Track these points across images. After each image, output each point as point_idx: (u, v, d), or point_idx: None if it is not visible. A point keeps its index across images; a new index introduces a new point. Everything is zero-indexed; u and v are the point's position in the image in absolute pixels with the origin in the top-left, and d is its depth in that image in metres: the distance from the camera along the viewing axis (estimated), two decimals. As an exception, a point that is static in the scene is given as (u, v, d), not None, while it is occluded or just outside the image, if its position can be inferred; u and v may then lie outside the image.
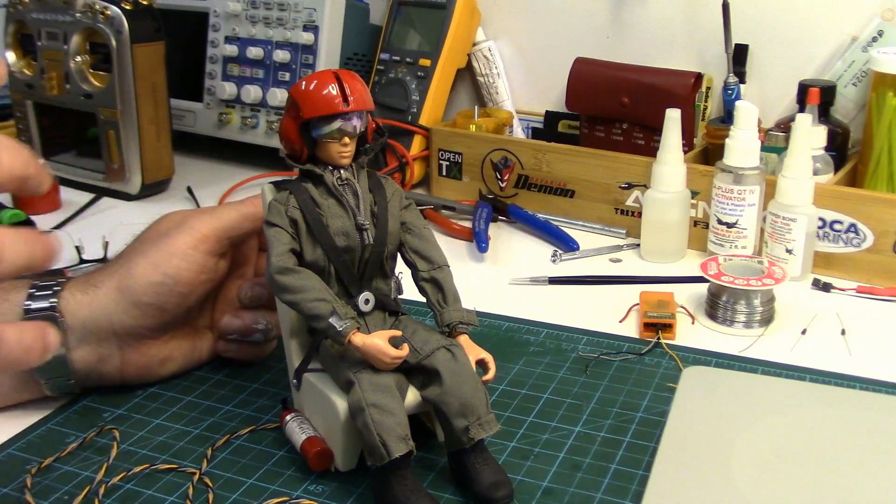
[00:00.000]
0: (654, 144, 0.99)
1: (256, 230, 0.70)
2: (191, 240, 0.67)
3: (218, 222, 0.68)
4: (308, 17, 1.18)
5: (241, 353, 0.73)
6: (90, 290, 0.67)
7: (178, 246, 0.67)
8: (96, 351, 0.67)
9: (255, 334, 0.72)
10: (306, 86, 0.58)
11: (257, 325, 0.72)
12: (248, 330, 0.72)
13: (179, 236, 0.67)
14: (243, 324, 0.72)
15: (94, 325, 0.66)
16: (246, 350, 0.73)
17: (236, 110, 1.25)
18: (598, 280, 0.91)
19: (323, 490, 0.59)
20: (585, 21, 1.18)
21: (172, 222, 0.69)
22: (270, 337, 0.73)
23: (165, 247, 0.67)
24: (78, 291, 0.67)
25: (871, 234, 0.88)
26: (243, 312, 0.72)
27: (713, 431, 0.59)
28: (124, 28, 1.07)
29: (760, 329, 0.80)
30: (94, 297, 0.66)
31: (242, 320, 0.72)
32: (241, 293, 0.72)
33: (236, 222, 0.69)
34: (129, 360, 0.69)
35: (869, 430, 0.59)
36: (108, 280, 0.67)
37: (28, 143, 1.23)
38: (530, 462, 0.62)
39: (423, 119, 1.17)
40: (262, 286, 0.72)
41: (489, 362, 0.60)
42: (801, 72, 1.05)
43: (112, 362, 0.68)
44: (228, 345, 0.73)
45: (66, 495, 0.59)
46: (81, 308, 0.66)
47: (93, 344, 0.67)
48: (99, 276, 0.68)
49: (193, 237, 0.67)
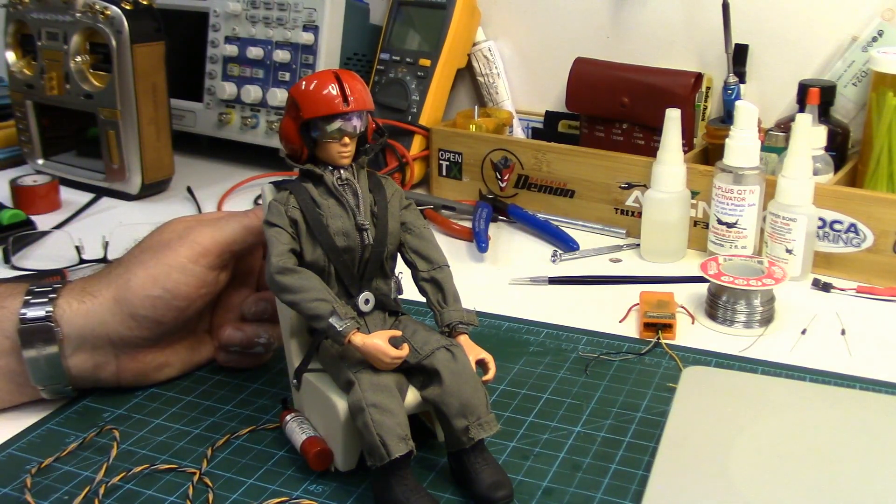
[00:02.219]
0: (654, 144, 0.99)
1: (259, 243, 0.69)
2: (192, 253, 0.66)
3: (220, 235, 0.67)
4: (308, 17, 1.18)
5: (241, 362, 0.73)
6: (87, 299, 0.66)
7: (178, 260, 0.66)
8: (92, 358, 0.67)
9: (256, 347, 0.72)
10: (306, 86, 0.58)
11: (259, 339, 0.71)
12: (250, 343, 0.71)
13: (180, 249, 0.66)
14: (245, 336, 0.71)
15: (90, 334, 0.66)
16: (245, 360, 0.73)
17: (236, 110, 1.25)
18: (598, 280, 0.91)
19: (323, 490, 0.59)
20: (585, 21, 1.18)
21: (175, 233, 0.68)
22: (271, 349, 0.73)
23: (165, 259, 0.66)
24: (74, 300, 0.66)
25: (871, 234, 0.88)
26: (245, 325, 0.72)
27: (713, 431, 0.59)
28: (124, 28, 1.07)
29: (760, 329, 0.80)
30: (91, 306, 0.66)
31: (244, 333, 0.71)
32: (245, 308, 0.72)
33: (239, 235, 0.68)
34: (125, 367, 0.69)
35: (869, 430, 0.59)
36: (106, 289, 0.67)
37: (28, 143, 1.23)
38: (530, 462, 0.62)
39: (423, 119, 1.17)
40: (267, 301, 0.71)
41: (489, 362, 0.60)
42: (801, 72, 1.05)
43: (108, 369, 0.68)
44: (229, 356, 0.73)
45: (66, 495, 0.59)
46: (77, 317, 0.66)
47: (88, 352, 0.67)
48: (96, 285, 0.67)
49: (194, 251, 0.66)
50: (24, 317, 0.65)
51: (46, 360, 0.65)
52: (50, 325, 0.65)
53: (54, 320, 0.65)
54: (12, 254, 0.95)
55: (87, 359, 0.67)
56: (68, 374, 0.67)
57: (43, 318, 0.65)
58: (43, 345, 0.65)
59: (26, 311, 0.65)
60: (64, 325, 0.65)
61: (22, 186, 1.11)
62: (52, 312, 0.65)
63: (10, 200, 1.11)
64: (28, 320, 0.65)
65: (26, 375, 0.66)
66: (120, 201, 1.16)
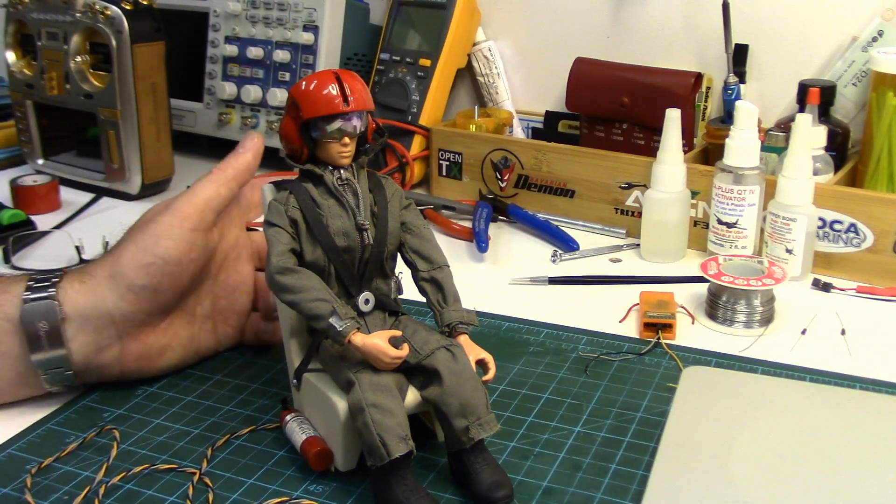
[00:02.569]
0: (654, 144, 0.99)
1: (234, 192, 0.73)
2: (175, 220, 0.69)
3: (195, 198, 0.71)
4: (308, 17, 1.18)
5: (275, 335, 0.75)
6: (86, 279, 0.68)
7: (162, 227, 0.69)
8: (94, 340, 0.68)
9: None
10: (306, 86, 0.58)
11: None
12: None
13: (163, 219, 0.69)
14: None
15: (92, 313, 0.67)
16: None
17: (236, 110, 1.25)
18: (598, 280, 0.91)
19: (323, 490, 0.59)
20: (585, 21, 1.18)
21: (155, 211, 0.72)
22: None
23: (151, 230, 0.69)
24: (75, 282, 0.68)
25: (871, 234, 0.88)
26: None
27: (713, 431, 0.59)
28: (124, 28, 1.07)
29: (760, 329, 0.80)
30: (90, 285, 0.68)
31: None
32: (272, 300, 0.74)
33: (212, 192, 0.71)
34: (128, 349, 0.69)
35: (869, 430, 0.59)
36: (101, 269, 0.69)
37: (28, 143, 1.23)
38: (530, 462, 0.62)
39: (423, 119, 1.17)
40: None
41: (489, 362, 0.60)
42: (801, 72, 1.05)
43: (111, 351, 0.69)
44: (268, 324, 0.76)
45: (66, 495, 0.59)
46: (79, 297, 0.67)
47: (91, 333, 0.68)
48: (92, 267, 0.70)
49: (177, 216, 0.69)
50: (28, 298, 0.66)
51: (48, 337, 0.66)
52: (53, 303, 0.66)
53: (57, 300, 0.66)
54: (12, 254, 0.95)
55: (89, 341, 0.68)
56: (70, 358, 0.67)
57: (46, 298, 0.66)
58: (45, 322, 0.66)
59: (30, 294, 0.67)
60: (66, 306, 0.67)
61: (22, 186, 1.11)
62: (54, 294, 0.67)
63: (10, 200, 1.11)
64: (31, 300, 0.66)
65: (29, 361, 0.66)
66: (120, 201, 1.16)
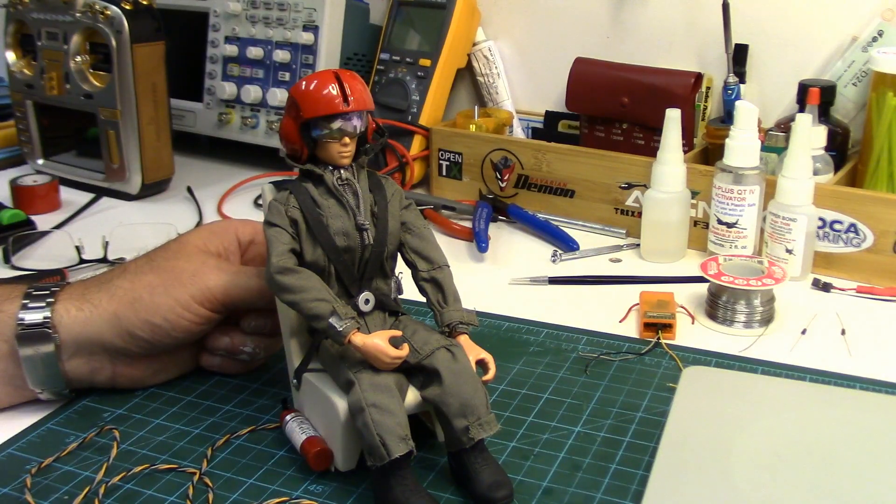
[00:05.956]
0: (654, 144, 0.99)
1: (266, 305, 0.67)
2: (200, 296, 0.66)
3: (233, 289, 0.67)
4: (308, 17, 1.18)
5: (224, 367, 0.73)
6: (85, 307, 0.67)
7: (185, 297, 0.66)
8: (88, 364, 0.68)
9: (240, 355, 0.71)
10: (306, 86, 0.58)
11: (244, 348, 0.71)
12: (235, 350, 0.71)
13: (190, 287, 0.66)
14: (231, 343, 0.71)
15: (86, 342, 0.67)
16: (229, 365, 0.73)
17: (236, 110, 1.25)
18: (598, 280, 0.91)
19: (323, 490, 0.59)
20: (585, 21, 1.18)
21: (189, 260, 0.68)
22: (256, 360, 0.72)
23: (173, 291, 0.66)
24: (73, 306, 0.66)
25: (870, 234, 0.88)
26: (234, 331, 0.71)
27: (713, 431, 0.59)
28: (124, 28, 1.07)
29: (760, 329, 0.80)
30: (89, 315, 0.66)
31: (231, 340, 0.71)
32: (244, 323, 0.71)
33: (251, 295, 0.67)
34: (121, 373, 0.69)
35: (869, 430, 0.59)
36: (108, 301, 0.67)
37: (28, 143, 1.23)
38: (530, 462, 0.62)
39: (423, 119, 1.17)
40: (266, 318, 0.70)
41: (489, 362, 0.60)
42: (801, 72, 1.05)
43: (104, 373, 0.69)
44: (212, 358, 0.72)
45: (66, 495, 0.59)
46: (75, 324, 0.66)
47: (85, 357, 0.67)
48: (97, 293, 0.67)
49: (203, 294, 0.66)
50: (22, 321, 0.65)
51: (44, 362, 0.66)
52: (47, 331, 0.65)
53: (52, 326, 0.65)
54: (12, 254, 0.95)
55: (83, 364, 0.67)
56: (65, 378, 0.67)
57: (40, 324, 0.65)
58: (41, 349, 0.65)
59: (24, 316, 0.65)
60: (61, 331, 0.66)
61: (22, 186, 1.11)
62: (49, 318, 0.65)
63: (10, 200, 1.11)
64: (26, 325, 0.65)
65: (24, 378, 0.66)
66: (120, 201, 1.16)
